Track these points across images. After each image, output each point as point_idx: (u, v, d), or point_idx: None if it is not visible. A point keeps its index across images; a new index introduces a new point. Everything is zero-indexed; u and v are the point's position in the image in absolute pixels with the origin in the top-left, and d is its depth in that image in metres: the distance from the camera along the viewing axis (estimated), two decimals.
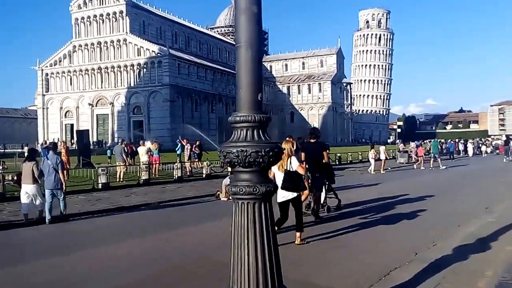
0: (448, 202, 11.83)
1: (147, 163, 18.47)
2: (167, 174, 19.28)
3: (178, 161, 20.29)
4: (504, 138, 68.23)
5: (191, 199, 13.13)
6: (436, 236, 7.44)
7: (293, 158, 6.99)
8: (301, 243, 6.92)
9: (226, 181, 11.84)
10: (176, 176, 18.12)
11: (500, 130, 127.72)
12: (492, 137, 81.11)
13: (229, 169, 9.90)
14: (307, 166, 8.86)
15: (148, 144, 23.78)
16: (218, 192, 12.75)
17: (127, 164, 18.57)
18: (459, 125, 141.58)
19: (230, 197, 10.06)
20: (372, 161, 23.46)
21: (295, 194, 6.92)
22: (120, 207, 11.43)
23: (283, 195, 6.89)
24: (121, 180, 17.03)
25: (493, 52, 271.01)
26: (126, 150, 20.29)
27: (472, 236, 7.20)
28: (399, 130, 52.03)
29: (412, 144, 32.92)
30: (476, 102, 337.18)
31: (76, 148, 29.86)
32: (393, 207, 10.62)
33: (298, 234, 6.96)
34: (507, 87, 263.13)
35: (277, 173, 6.93)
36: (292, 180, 6.74)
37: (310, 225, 8.36)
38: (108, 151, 21.28)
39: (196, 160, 21.75)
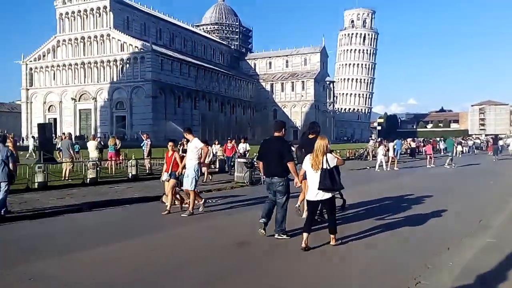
0: (437, 211, 9.82)
1: (97, 159, 16.95)
2: (120, 172, 17.79)
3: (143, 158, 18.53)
4: (483, 137, 69.77)
5: (132, 202, 11.38)
6: (418, 269, 5.50)
7: (329, 155, 6.55)
8: (336, 243, 6.64)
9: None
10: (131, 175, 16.39)
11: (480, 129, 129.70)
12: (473, 136, 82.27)
13: (165, 167, 10.22)
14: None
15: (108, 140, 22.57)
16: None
17: (74, 160, 16.77)
18: (439, 124, 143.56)
19: (177, 202, 10.00)
20: (383, 157, 22.67)
21: (329, 194, 6.54)
22: (40, 213, 9.59)
23: (315, 194, 6.50)
24: (67, 178, 15.21)
25: (475, 53, 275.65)
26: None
27: (468, 271, 5.31)
28: (379, 127, 53.12)
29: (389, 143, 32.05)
30: (457, 103, 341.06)
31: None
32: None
33: (333, 236, 6.65)
34: (487, 88, 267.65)
35: (309, 172, 6.58)
36: (330, 179, 6.37)
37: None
38: (76, 146, 19.49)
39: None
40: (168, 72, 75.57)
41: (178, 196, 10.09)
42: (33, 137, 49.03)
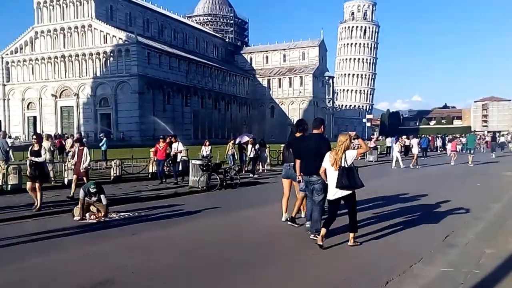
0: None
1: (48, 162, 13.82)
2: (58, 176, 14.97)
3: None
4: (486, 133, 65.81)
5: (39, 216, 9.12)
6: None
7: (349, 152, 6.40)
8: (354, 244, 6.56)
9: (82, 193, 8.81)
10: (67, 180, 13.93)
11: (483, 126, 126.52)
12: (474, 132, 77.84)
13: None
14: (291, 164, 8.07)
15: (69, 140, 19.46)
16: (76, 208, 9.03)
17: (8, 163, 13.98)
18: (442, 121, 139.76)
19: (88, 216, 8.58)
20: (398, 154, 22.62)
21: (349, 191, 6.41)
22: None
23: (334, 193, 6.44)
24: None
25: (481, 48, 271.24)
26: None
27: None
28: (368, 124, 48.29)
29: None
30: (462, 99, 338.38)
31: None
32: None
33: (352, 234, 6.61)
34: (492, 84, 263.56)
35: (329, 170, 6.49)
36: (348, 177, 6.24)
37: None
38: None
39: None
40: (156, 66, 69.72)
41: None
42: (9, 137, 44.06)
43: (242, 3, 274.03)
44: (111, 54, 67.10)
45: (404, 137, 40.73)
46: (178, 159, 15.29)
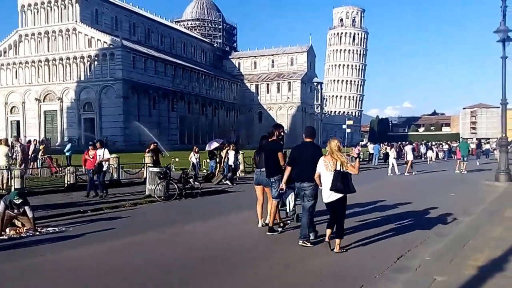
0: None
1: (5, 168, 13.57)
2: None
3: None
4: (474, 140, 65.59)
5: None
6: None
7: (344, 157, 6.66)
8: (340, 251, 6.53)
9: (2, 205, 7.92)
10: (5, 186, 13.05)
11: (472, 133, 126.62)
12: (465, 139, 77.74)
13: None
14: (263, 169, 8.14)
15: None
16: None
17: None
18: (431, 127, 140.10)
19: (8, 231, 7.76)
20: (394, 161, 22.61)
21: (341, 194, 6.53)
22: None
23: (328, 195, 6.59)
24: None
25: (470, 56, 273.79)
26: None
27: None
28: (348, 130, 47.85)
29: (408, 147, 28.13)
30: (451, 106, 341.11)
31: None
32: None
33: (338, 241, 6.58)
34: (481, 91, 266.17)
35: (323, 173, 6.64)
36: (342, 181, 6.41)
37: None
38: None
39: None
40: (141, 70, 69.01)
41: None
42: None
43: (231, 9, 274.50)
44: (96, 58, 66.31)
45: (385, 143, 40.61)
46: (104, 168, 13.37)
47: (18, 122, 72.66)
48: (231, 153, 18.13)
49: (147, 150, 16.74)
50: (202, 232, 8.45)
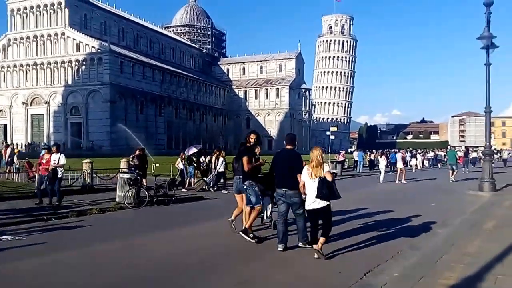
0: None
1: None
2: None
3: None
4: (463, 148, 65.95)
5: None
6: None
7: (326, 166, 6.77)
8: (318, 257, 6.44)
9: None
10: None
11: (460, 141, 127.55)
12: (451, 147, 78.29)
13: None
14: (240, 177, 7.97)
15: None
16: None
17: None
18: (420, 135, 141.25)
19: None
20: (383, 169, 22.89)
21: (326, 202, 6.60)
22: None
23: (311, 202, 6.64)
24: None
25: (459, 64, 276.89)
26: None
27: None
28: (332, 137, 47.84)
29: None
30: (440, 114, 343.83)
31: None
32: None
33: (322, 239, 6.56)
34: (470, 99, 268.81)
35: (307, 182, 6.71)
36: (328, 188, 6.48)
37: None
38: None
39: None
40: (129, 75, 69.55)
41: None
42: None
43: (220, 15, 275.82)
44: (84, 63, 66.82)
45: (369, 151, 40.70)
46: (59, 175, 12.13)
47: (5, 125, 72.80)
48: (220, 160, 17.16)
49: (131, 156, 15.68)
50: (153, 245, 7.72)
